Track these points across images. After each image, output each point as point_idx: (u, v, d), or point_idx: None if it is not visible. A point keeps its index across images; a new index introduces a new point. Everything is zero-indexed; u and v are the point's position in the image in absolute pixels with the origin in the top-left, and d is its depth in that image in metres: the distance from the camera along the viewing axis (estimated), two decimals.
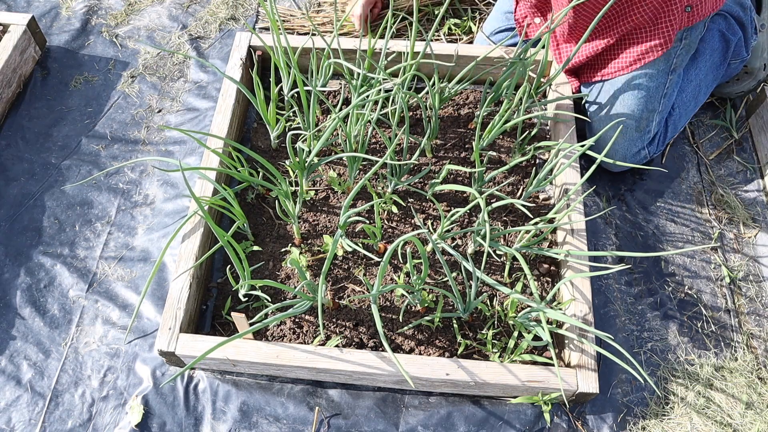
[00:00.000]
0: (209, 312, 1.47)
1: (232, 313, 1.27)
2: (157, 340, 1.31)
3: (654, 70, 1.54)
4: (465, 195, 1.62)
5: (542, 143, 1.58)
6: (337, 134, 1.65)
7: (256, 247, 1.52)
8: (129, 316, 1.50)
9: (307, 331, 1.41)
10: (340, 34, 1.96)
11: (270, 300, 1.38)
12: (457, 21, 2.03)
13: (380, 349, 1.38)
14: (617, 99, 1.60)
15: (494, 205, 1.38)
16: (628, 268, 1.51)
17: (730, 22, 1.57)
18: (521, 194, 1.61)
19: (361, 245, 1.51)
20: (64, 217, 1.65)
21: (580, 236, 1.46)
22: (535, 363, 1.36)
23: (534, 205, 1.63)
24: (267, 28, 2.05)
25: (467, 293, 1.32)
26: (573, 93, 1.71)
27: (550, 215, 1.43)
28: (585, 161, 1.73)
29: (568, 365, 1.35)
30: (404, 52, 1.74)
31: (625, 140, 1.62)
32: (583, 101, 1.72)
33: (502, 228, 1.55)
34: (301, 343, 1.38)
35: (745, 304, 1.55)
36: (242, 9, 2.13)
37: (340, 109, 1.63)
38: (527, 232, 1.50)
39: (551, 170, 1.50)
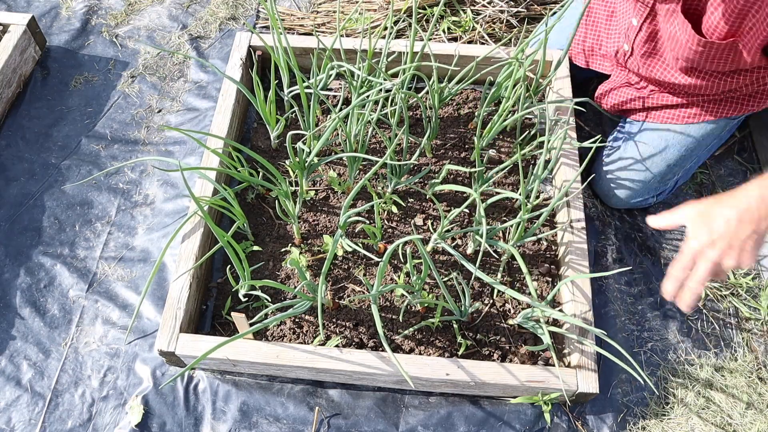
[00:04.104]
0: (209, 312, 1.47)
1: (232, 313, 1.27)
2: (157, 340, 1.31)
3: (711, 130, 1.48)
4: (465, 195, 1.62)
5: (540, 139, 1.58)
6: (337, 134, 1.65)
7: (256, 247, 1.52)
8: (129, 316, 1.50)
9: (307, 331, 1.41)
10: (341, 35, 1.96)
11: (270, 300, 1.38)
12: (456, 19, 2.03)
13: (380, 349, 1.38)
14: (657, 145, 1.53)
15: (490, 201, 1.38)
16: (628, 269, 1.51)
17: None
18: (519, 192, 1.60)
19: (361, 245, 1.51)
20: (64, 217, 1.65)
21: (580, 235, 1.46)
22: (535, 363, 1.36)
23: (534, 204, 1.63)
24: (267, 28, 2.05)
25: (465, 292, 1.32)
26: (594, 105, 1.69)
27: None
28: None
29: (568, 365, 1.35)
30: (404, 53, 1.74)
31: (641, 186, 1.57)
32: (615, 133, 1.67)
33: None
34: (301, 343, 1.38)
35: (745, 304, 1.55)
36: (242, 9, 2.13)
37: (340, 109, 1.63)
38: (523, 228, 1.50)
39: (546, 165, 1.49)
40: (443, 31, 2.02)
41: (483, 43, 1.99)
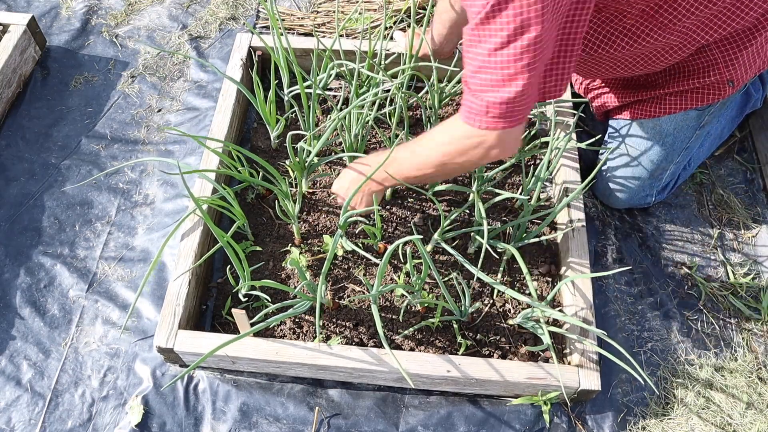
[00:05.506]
0: (209, 312, 1.47)
1: (233, 310, 1.27)
2: (156, 336, 1.30)
3: (683, 123, 1.49)
4: (465, 195, 1.62)
5: (541, 140, 1.58)
6: (337, 134, 1.65)
7: (256, 247, 1.52)
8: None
9: (307, 331, 1.41)
10: (341, 35, 1.96)
11: (270, 300, 1.38)
12: None
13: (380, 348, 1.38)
14: (638, 143, 1.55)
15: (491, 201, 1.38)
16: (628, 269, 1.51)
17: (755, 79, 1.52)
18: (521, 192, 1.60)
19: (361, 245, 1.51)
20: (64, 217, 1.65)
21: (580, 235, 1.46)
22: (536, 362, 1.36)
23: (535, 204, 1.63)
24: (267, 28, 2.05)
25: (465, 292, 1.32)
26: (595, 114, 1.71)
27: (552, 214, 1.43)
28: (585, 163, 1.72)
29: (569, 364, 1.35)
30: (403, 53, 1.73)
31: (636, 184, 1.58)
32: (606, 135, 1.68)
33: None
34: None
35: (745, 304, 1.55)
36: (242, 9, 2.13)
37: (341, 109, 1.63)
38: (524, 228, 1.50)
39: (548, 165, 1.49)
40: None
41: None
